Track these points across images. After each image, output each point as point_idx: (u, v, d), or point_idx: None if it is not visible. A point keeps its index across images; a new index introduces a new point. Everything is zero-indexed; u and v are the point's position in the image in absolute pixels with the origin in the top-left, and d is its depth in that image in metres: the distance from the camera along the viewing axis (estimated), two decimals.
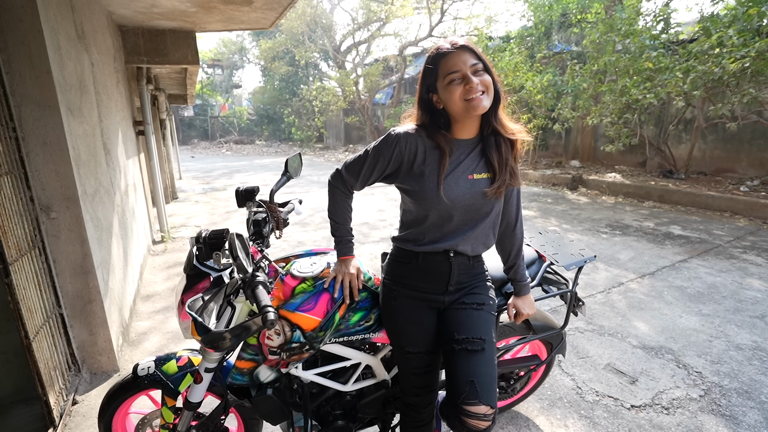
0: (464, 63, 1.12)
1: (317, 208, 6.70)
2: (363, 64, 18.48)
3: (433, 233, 1.26)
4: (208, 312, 1.13)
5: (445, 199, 1.19)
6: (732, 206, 5.84)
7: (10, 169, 1.81)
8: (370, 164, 1.26)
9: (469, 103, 1.13)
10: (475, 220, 1.25)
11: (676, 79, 6.09)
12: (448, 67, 1.13)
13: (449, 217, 1.23)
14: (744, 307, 3.08)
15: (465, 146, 1.24)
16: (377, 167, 1.26)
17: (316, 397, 1.47)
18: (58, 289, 2.13)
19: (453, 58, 1.12)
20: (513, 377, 1.91)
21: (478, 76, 1.13)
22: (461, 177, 1.21)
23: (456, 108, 1.15)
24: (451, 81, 1.13)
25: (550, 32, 10.14)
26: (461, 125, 1.22)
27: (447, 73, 1.13)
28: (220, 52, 25.94)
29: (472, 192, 1.21)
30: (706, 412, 2.02)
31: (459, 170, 1.21)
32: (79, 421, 1.99)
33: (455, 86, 1.13)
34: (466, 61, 1.12)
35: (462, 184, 1.20)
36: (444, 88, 1.15)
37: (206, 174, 11.59)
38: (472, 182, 1.21)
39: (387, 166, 1.24)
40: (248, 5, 3.39)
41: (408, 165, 1.23)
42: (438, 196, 1.19)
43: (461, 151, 1.23)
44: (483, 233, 1.29)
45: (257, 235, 1.44)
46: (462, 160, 1.22)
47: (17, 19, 1.81)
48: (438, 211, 1.22)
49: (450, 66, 1.13)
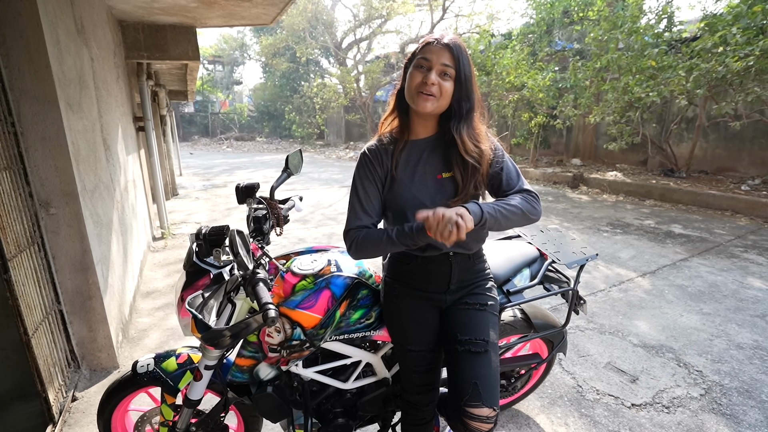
0: (438, 58, 1.13)
1: (318, 205, 6.69)
2: (364, 61, 18.42)
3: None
4: (208, 309, 1.12)
5: (414, 199, 1.19)
6: (733, 205, 5.83)
7: (8, 165, 1.80)
8: (364, 194, 1.23)
9: (418, 96, 1.14)
10: None
11: (679, 77, 6.06)
12: (424, 54, 1.14)
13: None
14: (745, 306, 3.07)
15: (421, 145, 1.24)
16: (371, 190, 1.23)
17: (317, 395, 1.46)
18: (57, 285, 2.12)
19: (433, 49, 1.13)
20: (514, 375, 1.91)
21: (443, 78, 1.13)
22: (429, 177, 1.21)
23: (409, 92, 1.17)
24: (419, 66, 1.15)
25: (551, 30, 10.10)
26: (418, 120, 1.22)
27: (420, 57, 1.15)
28: (220, 48, 25.86)
29: (443, 191, 1.21)
30: (707, 411, 2.02)
31: (425, 171, 1.22)
32: (79, 418, 1.98)
33: (418, 72, 1.14)
34: (440, 58, 1.13)
35: (431, 184, 1.21)
36: (411, 68, 1.17)
37: (206, 170, 11.58)
38: (441, 182, 1.21)
39: (376, 183, 1.23)
40: (249, 0, 3.36)
41: (383, 175, 1.24)
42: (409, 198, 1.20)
43: (417, 150, 1.24)
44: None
45: (258, 232, 1.43)
46: (420, 159, 1.22)
47: (16, 13, 1.79)
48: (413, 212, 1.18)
49: (426, 53, 1.14)
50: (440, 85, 1.12)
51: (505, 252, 1.69)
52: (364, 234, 1.19)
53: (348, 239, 1.21)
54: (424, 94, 1.13)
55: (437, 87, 1.12)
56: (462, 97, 1.16)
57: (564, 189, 7.99)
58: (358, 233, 1.19)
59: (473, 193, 1.21)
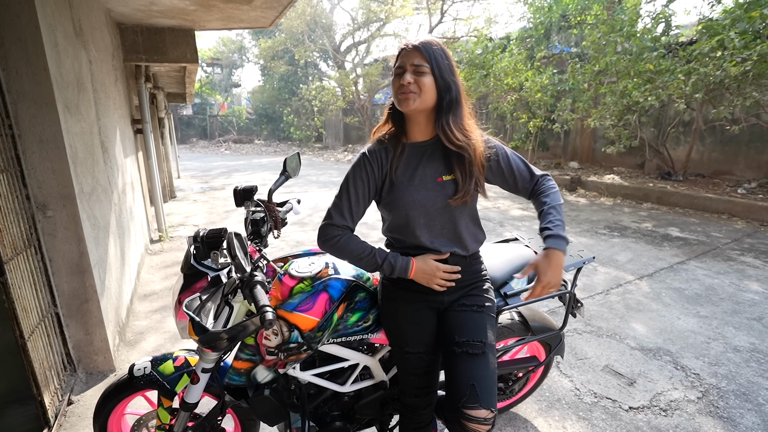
0: (410, 60, 1.17)
1: (316, 207, 6.68)
2: (362, 64, 18.46)
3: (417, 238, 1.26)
4: (206, 312, 1.12)
5: (415, 202, 1.21)
6: (730, 208, 5.86)
7: (5, 167, 1.79)
8: (354, 195, 1.25)
9: (399, 99, 1.18)
10: (452, 221, 1.26)
11: (677, 80, 6.09)
12: (398, 62, 1.20)
13: (427, 220, 1.24)
14: (741, 309, 3.08)
15: (420, 148, 1.26)
16: (361, 193, 1.25)
17: (314, 398, 1.46)
18: (53, 288, 2.11)
19: (405, 54, 1.18)
20: (511, 378, 1.91)
21: (419, 76, 1.16)
22: (429, 180, 1.23)
23: (395, 99, 1.21)
24: (396, 75, 1.20)
25: (549, 33, 10.16)
26: (413, 125, 1.25)
27: (397, 65, 1.20)
28: (219, 51, 25.89)
29: (443, 194, 1.22)
30: (704, 414, 2.02)
31: (425, 173, 1.23)
32: (75, 422, 1.97)
33: (396, 79, 1.19)
34: (411, 59, 1.16)
35: (431, 186, 1.22)
36: (392, 81, 1.22)
37: (205, 173, 11.56)
38: (442, 184, 1.23)
39: (369, 186, 1.25)
40: (248, 4, 3.37)
41: (381, 179, 1.26)
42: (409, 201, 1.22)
43: (416, 153, 1.25)
44: (468, 231, 1.29)
45: (255, 234, 1.43)
46: (420, 162, 1.24)
47: (14, 16, 1.79)
48: (412, 215, 1.23)
49: (400, 60, 1.19)
50: (417, 81, 1.16)
51: (502, 255, 1.69)
52: (347, 239, 1.23)
53: (327, 233, 1.24)
54: (404, 94, 1.17)
55: (414, 84, 1.15)
56: (442, 89, 1.18)
57: (561, 192, 8.01)
58: (342, 235, 1.23)
59: (473, 192, 1.22)
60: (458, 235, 1.27)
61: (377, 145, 1.28)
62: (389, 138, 1.29)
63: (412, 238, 1.26)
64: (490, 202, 6.97)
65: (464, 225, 1.28)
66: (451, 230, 1.27)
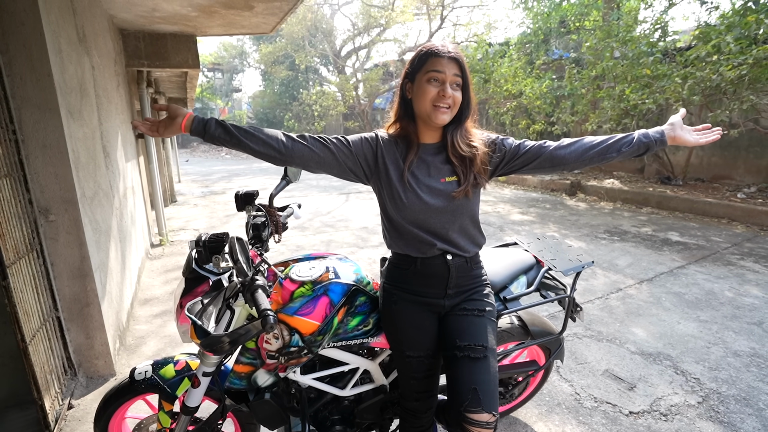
0: (450, 71, 1.16)
1: (316, 212, 6.69)
2: (363, 69, 18.56)
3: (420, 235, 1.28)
4: (207, 315, 1.12)
5: (424, 204, 1.23)
6: (729, 213, 5.86)
7: (9, 172, 1.81)
8: (346, 138, 1.27)
9: (435, 110, 1.17)
10: (452, 221, 1.27)
11: (674, 85, 6.12)
12: (434, 65, 1.16)
13: (428, 221, 1.25)
14: (741, 314, 3.08)
15: (430, 150, 1.28)
16: (345, 149, 1.24)
17: (314, 402, 1.46)
18: (55, 292, 2.12)
19: (442, 61, 1.16)
20: (511, 383, 1.91)
21: (454, 90, 1.17)
22: (435, 181, 1.25)
23: (422, 106, 1.19)
24: (431, 79, 1.16)
25: (548, 39, 10.23)
26: (425, 128, 1.26)
27: (431, 69, 1.17)
28: (220, 56, 26.03)
29: (446, 194, 1.24)
30: (704, 419, 2.02)
31: (433, 175, 1.25)
32: (75, 426, 1.97)
33: (432, 86, 1.16)
34: (451, 70, 1.16)
35: (438, 186, 1.25)
36: (422, 81, 1.18)
37: (205, 177, 11.59)
38: (446, 184, 1.25)
39: (357, 158, 1.25)
40: (249, 10, 3.41)
41: (383, 166, 1.26)
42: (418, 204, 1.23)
43: (428, 154, 1.27)
44: (468, 232, 1.31)
45: (256, 238, 1.44)
46: (431, 163, 1.26)
47: (19, 23, 1.81)
48: (417, 214, 1.24)
49: (436, 65, 1.16)
50: (453, 97, 1.17)
51: (501, 259, 1.70)
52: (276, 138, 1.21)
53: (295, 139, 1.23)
54: (442, 107, 1.16)
55: (452, 99, 1.16)
56: (465, 105, 1.21)
57: (562, 196, 8.03)
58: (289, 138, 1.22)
59: (474, 183, 1.25)
60: (458, 235, 1.28)
61: (391, 137, 1.30)
62: (398, 137, 1.30)
63: (416, 235, 1.27)
64: (490, 207, 6.99)
65: (465, 226, 1.29)
66: (452, 230, 1.27)
